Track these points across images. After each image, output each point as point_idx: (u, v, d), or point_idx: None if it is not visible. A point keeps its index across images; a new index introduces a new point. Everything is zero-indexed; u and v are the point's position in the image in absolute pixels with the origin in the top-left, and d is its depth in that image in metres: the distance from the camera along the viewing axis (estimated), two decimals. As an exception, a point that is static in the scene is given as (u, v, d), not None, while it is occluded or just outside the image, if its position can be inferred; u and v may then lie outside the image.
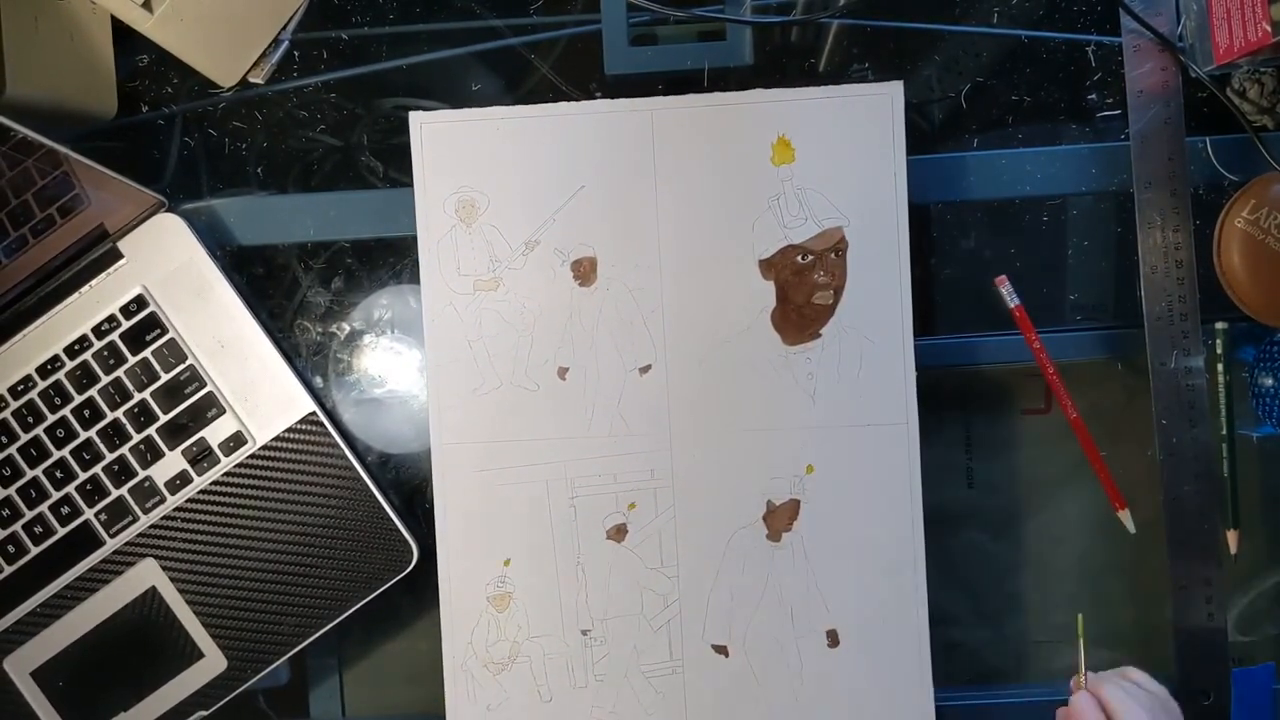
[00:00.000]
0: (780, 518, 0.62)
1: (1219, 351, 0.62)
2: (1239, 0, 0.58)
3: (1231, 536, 0.62)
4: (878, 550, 0.62)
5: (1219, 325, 0.62)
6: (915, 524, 0.61)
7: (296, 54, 0.65)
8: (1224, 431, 0.62)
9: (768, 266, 0.62)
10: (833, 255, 0.62)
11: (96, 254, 0.63)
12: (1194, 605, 0.62)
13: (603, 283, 0.62)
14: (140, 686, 0.62)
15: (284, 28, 0.65)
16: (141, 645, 0.62)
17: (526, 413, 0.62)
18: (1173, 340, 0.62)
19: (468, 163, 0.62)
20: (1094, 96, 0.64)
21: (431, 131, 0.63)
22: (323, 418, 0.62)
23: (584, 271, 0.62)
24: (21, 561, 0.62)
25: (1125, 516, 0.63)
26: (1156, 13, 0.62)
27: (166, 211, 0.63)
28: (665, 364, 0.62)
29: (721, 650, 0.62)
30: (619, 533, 0.62)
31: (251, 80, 0.65)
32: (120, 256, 0.63)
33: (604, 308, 0.62)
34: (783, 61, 0.64)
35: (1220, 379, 0.62)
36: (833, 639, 0.62)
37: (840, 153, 0.62)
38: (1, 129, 0.52)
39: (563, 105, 0.63)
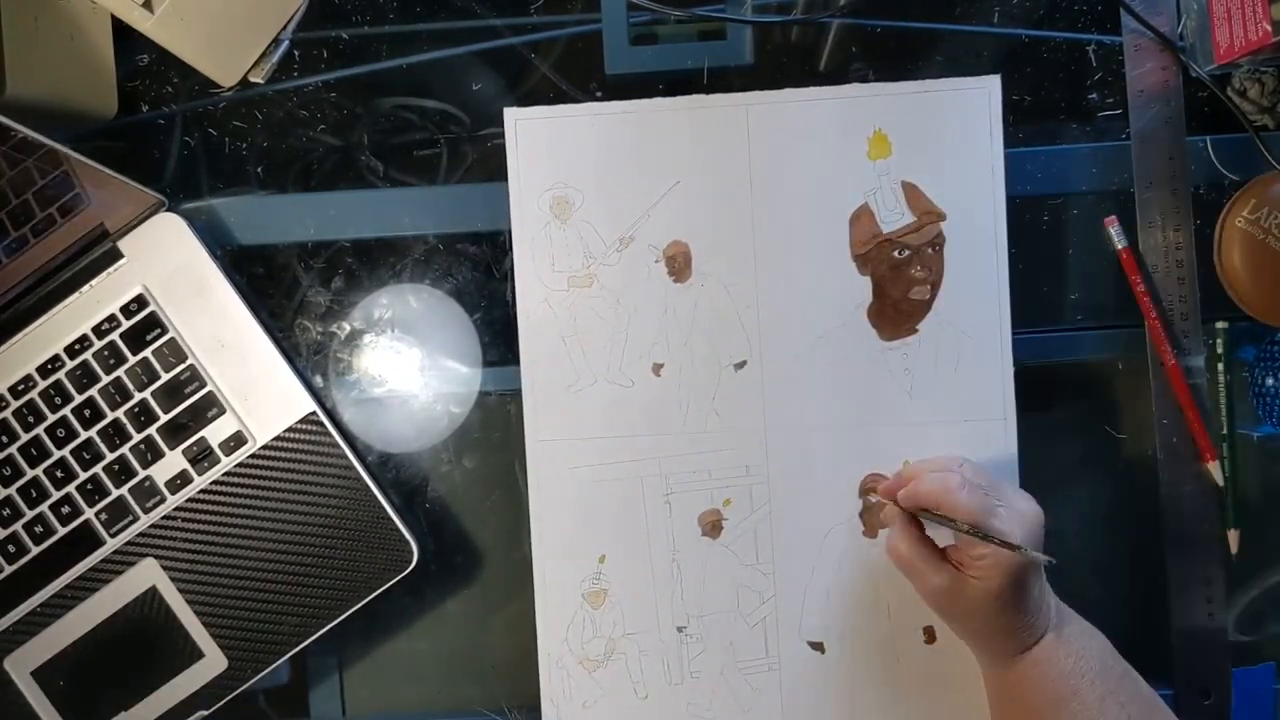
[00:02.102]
0: (877, 514, 0.62)
1: (1219, 351, 0.62)
2: (1239, 0, 0.58)
3: (1232, 536, 0.62)
4: None
5: (1219, 325, 0.62)
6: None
7: (297, 54, 0.65)
8: (1224, 431, 0.62)
9: (864, 261, 0.62)
10: (930, 250, 0.62)
11: (97, 254, 0.63)
12: (1194, 605, 0.62)
13: (697, 278, 0.62)
14: (141, 686, 0.62)
15: (284, 27, 0.65)
16: (142, 645, 0.62)
17: (621, 409, 0.63)
18: (1173, 340, 0.62)
19: (562, 159, 0.63)
20: (1094, 96, 0.64)
21: (526, 128, 0.63)
22: (323, 417, 0.62)
23: (678, 267, 0.62)
24: (22, 561, 0.62)
25: (1214, 468, 0.62)
26: (1157, 12, 0.62)
27: (166, 211, 0.63)
28: (760, 359, 0.62)
29: (818, 647, 0.62)
30: (714, 529, 0.62)
31: (252, 80, 0.65)
32: (120, 256, 0.63)
33: (699, 303, 0.62)
34: (783, 61, 0.64)
35: (1221, 379, 0.62)
36: (930, 635, 0.62)
37: (938, 147, 0.62)
38: (2, 128, 0.52)
39: (657, 100, 0.62)
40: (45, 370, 0.62)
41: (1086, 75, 0.64)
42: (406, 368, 0.65)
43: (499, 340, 0.64)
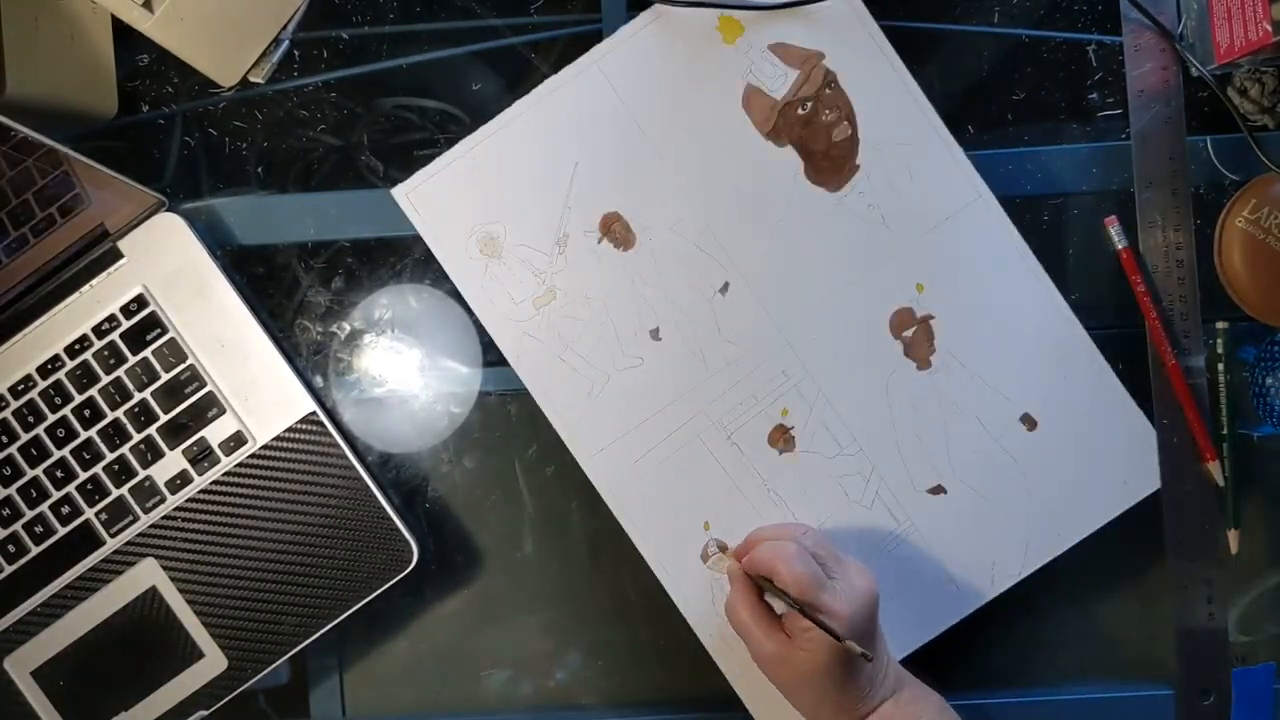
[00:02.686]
0: (920, 343, 0.62)
1: (1220, 351, 0.62)
2: (1239, 0, 0.58)
3: (1232, 536, 0.62)
4: (1021, 326, 0.62)
5: (1220, 325, 0.62)
6: (1043, 283, 0.62)
7: (297, 53, 0.65)
8: (1224, 431, 0.62)
9: (777, 134, 0.62)
10: (828, 90, 0.62)
11: (97, 254, 0.63)
12: (1194, 605, 0.62)
13: (643, 237, 0.63)
14: (140, 686, 0.62)
15: (284, 27, 0.65)
16: (142, 645, 0.62)
17: (646, 387, 0.63)
18: (1174, 340, 0.62)
19: (465, 205, 0.63)
20: (1094, 96, 0.64)
21: (417, 196, 0.63)
22: (323, 417, 0.62)
23: (621, 235, 0.62)
24: (22, 561, 0.62)
25: (1214, 468, 0.62)
26: (1158, 12, 0.62)
27: (167, 211, 0.63)
28: (739, 274, 0.62)
29: (938, 490, 0.62)
30: (788, 443, 0.62)
31: (252, 80, 0.65)
32: (120, 256, 0.63)
33: (657, 257, 0.63)
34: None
35: (1221, 379, 0.62)
36: (1029, 423, 0.62)
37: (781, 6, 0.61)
38: (2, 128, 0.52)
39: (515, 106, 0.62)
40: (45, 370, 0.62)
41: (1086, 75, 0.64)
42: (406, 368, 0.65)
43: (499, 340, 0.64)
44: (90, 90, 0.63)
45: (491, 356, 0.64)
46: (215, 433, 0.62)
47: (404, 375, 0.65)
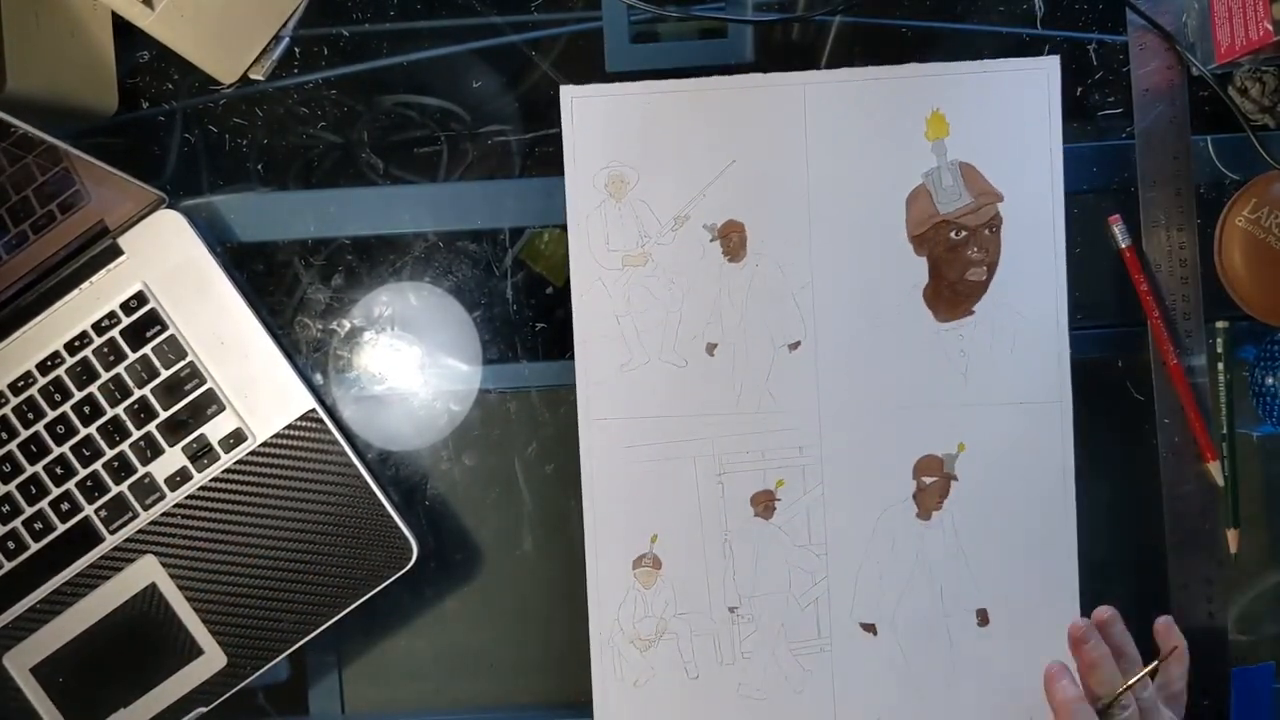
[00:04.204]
0: (931, 496, 0.62)
1: (1220, 351, 0.62)
2: (1240, 0, 0.58)
3: (1232, 536, 0.62)
4: (1029, 529, 0.61)
5: (1220, 324, 0.62)
6: (1067, 503, 0.61)
7: (297, 50, 0.65)
8: (1225, 430, 0.62)
9: (920, 242, 0.62)
10: (987, 231, 0.62)
11: (96, 250, 0.63)
12: (1194, 604, 0.62)
13: (752, 258, 0.62)
14: (140, 683, 0.62)
15: (285, 24, 0.65)
16: (141, 642, 0.61)
17: (675, 389, 0.62)
18: (1175, 339, 0.62)
19: (618, 137, 0.62)
20: (1096, 95, 0.64)
21: (582, 106, 0.62)
22: (322, 415, 0.62)
23: (733, 246, 0.62)
24: (21, 557, 0.62)
25: (1214, 468, 0.62)
26: (1161, 11, 0.62)
27: (167, 208, 0.63)
28: (815, 340, 0.62)
29: (870, 629, 0.62)
30: (767, 510, 0.62)
31: (252, 77, 0.65)
32: (120, 253, 0.63)
33: (753, 283, 0.62)
34: (784, 59, 0.64)
35: (1221, 378, 0.62)
36: (983, 618, 0.62)
37: (996, 128, 0.62)
38: (2, 125, 0.52)
39: (715, 79, 0.62)
40: (45, 367, 0.62)
41: (1088, 74, 0.64)
42: (406, 365, 0.65)
43: (499, 338, 0.64)
44: (90, 87, 0.63)
45: (491, 354, 0.64)
46: (215, 430, 0.62)
47: (404, 373, 0.65)
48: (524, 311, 0.64)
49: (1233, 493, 0.62)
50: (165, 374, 0.62)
